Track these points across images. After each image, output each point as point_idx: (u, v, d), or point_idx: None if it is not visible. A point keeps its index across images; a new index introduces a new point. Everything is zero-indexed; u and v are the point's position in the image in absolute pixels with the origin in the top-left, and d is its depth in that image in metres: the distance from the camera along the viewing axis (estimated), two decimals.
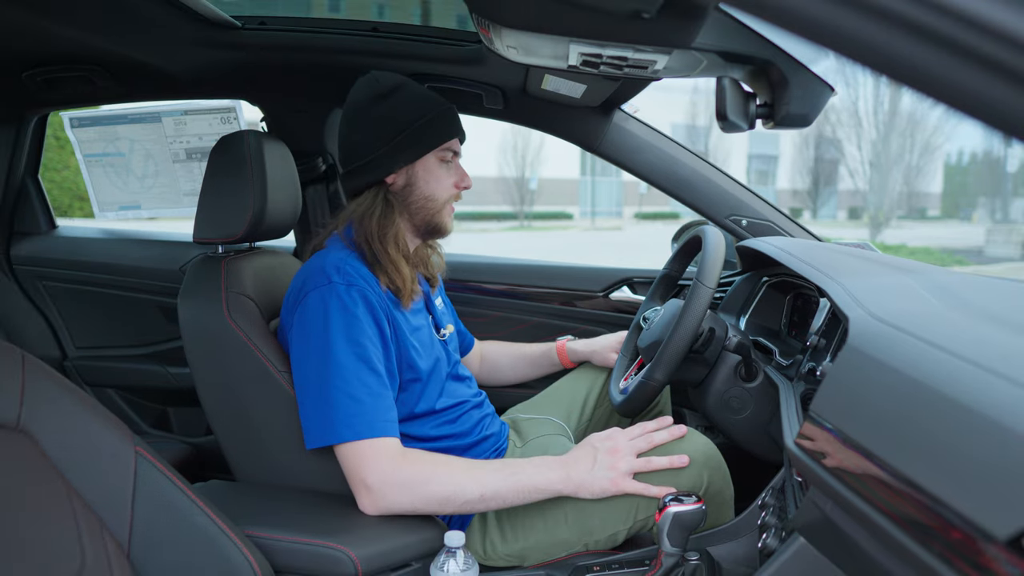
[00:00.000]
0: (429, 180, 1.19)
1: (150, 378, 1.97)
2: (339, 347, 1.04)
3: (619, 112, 1.66)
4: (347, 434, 1.02)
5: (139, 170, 1.96)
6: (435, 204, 1.20)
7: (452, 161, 1.22)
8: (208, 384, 1.17)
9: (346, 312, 1.06)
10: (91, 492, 0.76)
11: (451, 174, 1.21)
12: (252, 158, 1.18)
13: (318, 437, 1.04)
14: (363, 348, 1.05)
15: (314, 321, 1.06)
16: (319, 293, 1.07)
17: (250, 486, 1.18)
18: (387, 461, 1.02)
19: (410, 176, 1.18)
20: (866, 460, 0.60)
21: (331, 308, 1.06)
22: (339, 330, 1.05)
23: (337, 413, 1.03)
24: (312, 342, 1.06)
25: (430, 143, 1.17)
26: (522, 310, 1.82)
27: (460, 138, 1.23)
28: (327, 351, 1.04)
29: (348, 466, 1.04)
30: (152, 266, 1.94)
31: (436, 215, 1.21)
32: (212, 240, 1.21)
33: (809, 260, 1.10)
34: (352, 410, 1.02)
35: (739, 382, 1.21)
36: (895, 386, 0.62)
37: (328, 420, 1.03)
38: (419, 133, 1.16)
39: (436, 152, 1.19)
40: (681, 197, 1.65)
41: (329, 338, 1.04)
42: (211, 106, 1.88)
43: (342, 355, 1.04)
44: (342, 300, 1.06)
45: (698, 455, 1.12)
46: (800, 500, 0.83)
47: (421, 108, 1.17)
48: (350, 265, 1.11)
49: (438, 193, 1.20)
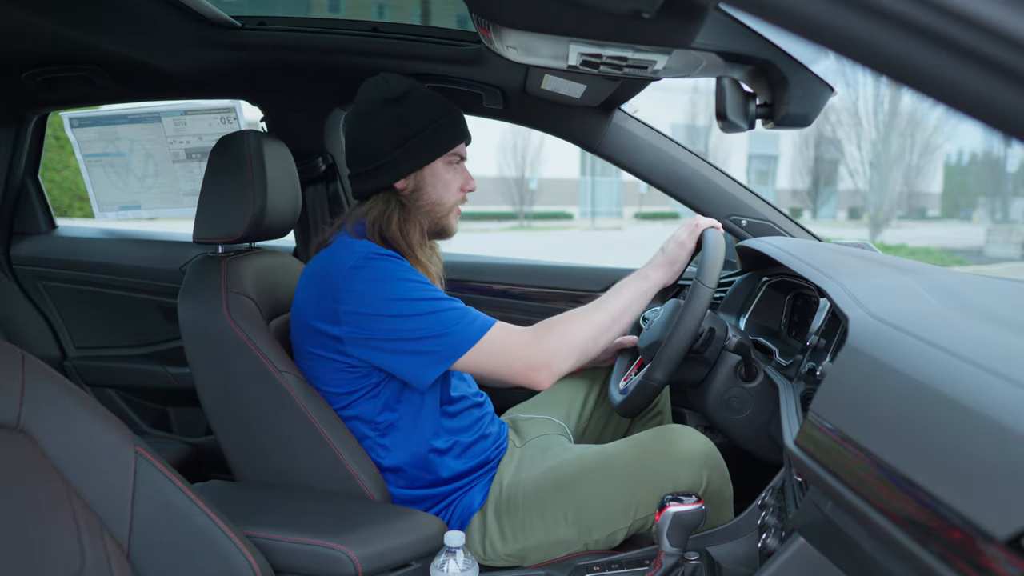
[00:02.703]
0: (437, 185, 1.20)
1: (150, 378, 1.97)
2: (409, 292, 1.08)
3: (619, 112, 1.66)
4: (474, 339, 1.07)
5: (139, 170, 1.96)
6: (442, 208, 1.21)
7: (459, 165, 1.23)
8: (208, 384, 1.17)
9: (395, 267, 1.09)
10: (91, 492, 0.76)
11: (457, 178, 1.22)
12: (252, 158, 1.18)
13: (448, 356, 1.07)
14: (424, 289, 1.10)
15: (372, 285, 1.08)
16: (368, 268, 1.08)
17: (250, 486, 1.18)
18: (522, 334, 1.10)
19: (418, 181, 1.19)
20: (866, 460, 0.60)
21: (380, 269, 1.08)
22: (399, 283, 1.08)
23: (449, 332, 1.07)
24: (380, 302, 1.07)
25: (439, 149, 1.18)
26: (522, 310, 1.82)
27: (467, 142, 1.23)
28: (402, 301, 1.07)
29: (495, 367, 1.09)
30: (152, 266, 1.94)
31: (443, 219, 1.22)
32: (212, 240, 1.21)
33: (809, 260, 1.10)
34: (459, 320, 1.07)
35: (739, 382, 1.21)
36: (895, 386, 0.62)
37: (445, 343, 1.07)
38: (429, 139, 1.17)
39: (445, 157, 1.19)
40: (681, 197, 1.65)
41: (395, 291, 1.07)
42: (211, 106, 1.87)
43: (415, 297, 1.08)
44: (386, 262, 1.09)
45: (698, 455, 1.12)
46: (800, 500, 0.83)
47: (431, 113, 1.17)
48: (377, 247, 1.13)
49: (445, 197, 1.21)
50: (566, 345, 1.11)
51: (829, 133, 20.61)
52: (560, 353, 1.10)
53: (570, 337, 1.11)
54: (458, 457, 1.20)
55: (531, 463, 1.24)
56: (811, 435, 0.71)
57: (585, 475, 1.15)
